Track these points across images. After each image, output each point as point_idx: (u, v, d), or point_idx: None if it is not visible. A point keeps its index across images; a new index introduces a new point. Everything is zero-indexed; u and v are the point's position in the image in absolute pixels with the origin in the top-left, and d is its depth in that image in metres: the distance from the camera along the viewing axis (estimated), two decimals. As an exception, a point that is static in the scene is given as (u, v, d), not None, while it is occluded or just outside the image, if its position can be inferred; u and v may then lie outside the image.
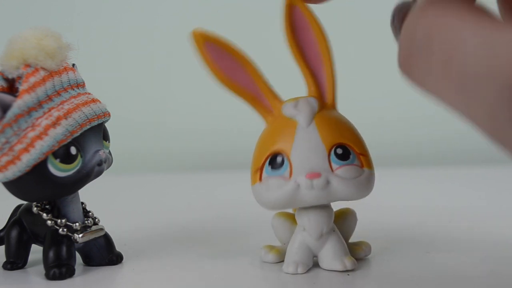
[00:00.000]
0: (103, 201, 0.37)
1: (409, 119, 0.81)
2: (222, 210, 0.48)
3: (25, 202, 0.32)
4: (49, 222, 0.30)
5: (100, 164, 0.30)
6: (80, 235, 0.30)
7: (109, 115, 0.31)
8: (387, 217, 0.43)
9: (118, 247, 0.33)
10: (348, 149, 0.28)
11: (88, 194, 0.33)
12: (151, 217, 0.46)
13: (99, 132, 0.30)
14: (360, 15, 0.77)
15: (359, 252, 0.31)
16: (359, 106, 0.71)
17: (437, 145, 0.80)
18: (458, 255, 0.32)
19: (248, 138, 0.35)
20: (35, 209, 0.31)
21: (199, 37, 0.28)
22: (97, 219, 0.32)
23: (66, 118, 0.28)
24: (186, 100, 0.82)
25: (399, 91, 0.79)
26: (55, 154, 0.28)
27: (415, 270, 0.29)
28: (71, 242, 0.30)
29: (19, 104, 0.27)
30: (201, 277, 0.30)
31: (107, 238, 0.32)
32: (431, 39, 0.16)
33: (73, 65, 0.31)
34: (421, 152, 0.80)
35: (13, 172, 0.27)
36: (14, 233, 0.32)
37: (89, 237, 0.31)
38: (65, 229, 0.30)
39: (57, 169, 0.28)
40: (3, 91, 0.28)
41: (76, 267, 0.30)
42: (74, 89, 0.30)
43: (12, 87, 0.29)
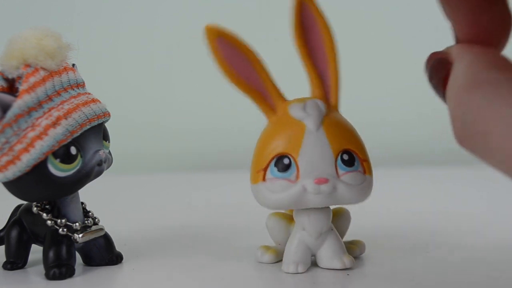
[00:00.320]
0: (103, 201, 0.37)
1: (411, 119, 0.81)
2: (222, 210, 0.48)
3: (25, 202, 0.32)
4: (49, 222, 0.30)
5: (100, 164, 0.30)
6: (80, 235, 0.30)
7: (109, 115, 0.31)
8: (388, 216, 0.43)
9: (118, 247, 0.33)
10: (353, 155, 0.29)
11: (88, 194, 0.33)
12: (151, 217, 0.47)
13: (99, 132, 0.30)
14: (363, 15, 0.77)
15: (355, 251, 0.32)
16: (361, 106, 0.71)
17: (438, 145, 0.80)
18: (458, 255, 0.32)
19: (248, 138, 0.35)
20: (35, 209, 0.31)
21: (212, 32, 0.28)
22: (97, 219, 0.32)
23: (66, 118, 0.28)
24: (186, 100, 0.82)
25: (401, 91, 0.80)
26: (55, 154, 0.28)
27: (415, 270, 0.29)
28: (71, 242, 0.30)
29: (19, 104, 0.27)
30: (201, 277, 0.30)
31: (107, 238, 0.32)
32: (487, 134, 0.17)
33: (73, 65, 0.31)
34: (422, 152, 0.80)
35: (13, 172, 0.27)
36: (14, 233, 0.32)
37: (89, 237, 0.31)
38: (65, 229, 0.30)
39: (57, 169, 0.28)
40: (3, 91, 0.28)
41: (76, 267, 0.30)
42: (74, 89, 0.30)
43: (12, 87, 0.29)
